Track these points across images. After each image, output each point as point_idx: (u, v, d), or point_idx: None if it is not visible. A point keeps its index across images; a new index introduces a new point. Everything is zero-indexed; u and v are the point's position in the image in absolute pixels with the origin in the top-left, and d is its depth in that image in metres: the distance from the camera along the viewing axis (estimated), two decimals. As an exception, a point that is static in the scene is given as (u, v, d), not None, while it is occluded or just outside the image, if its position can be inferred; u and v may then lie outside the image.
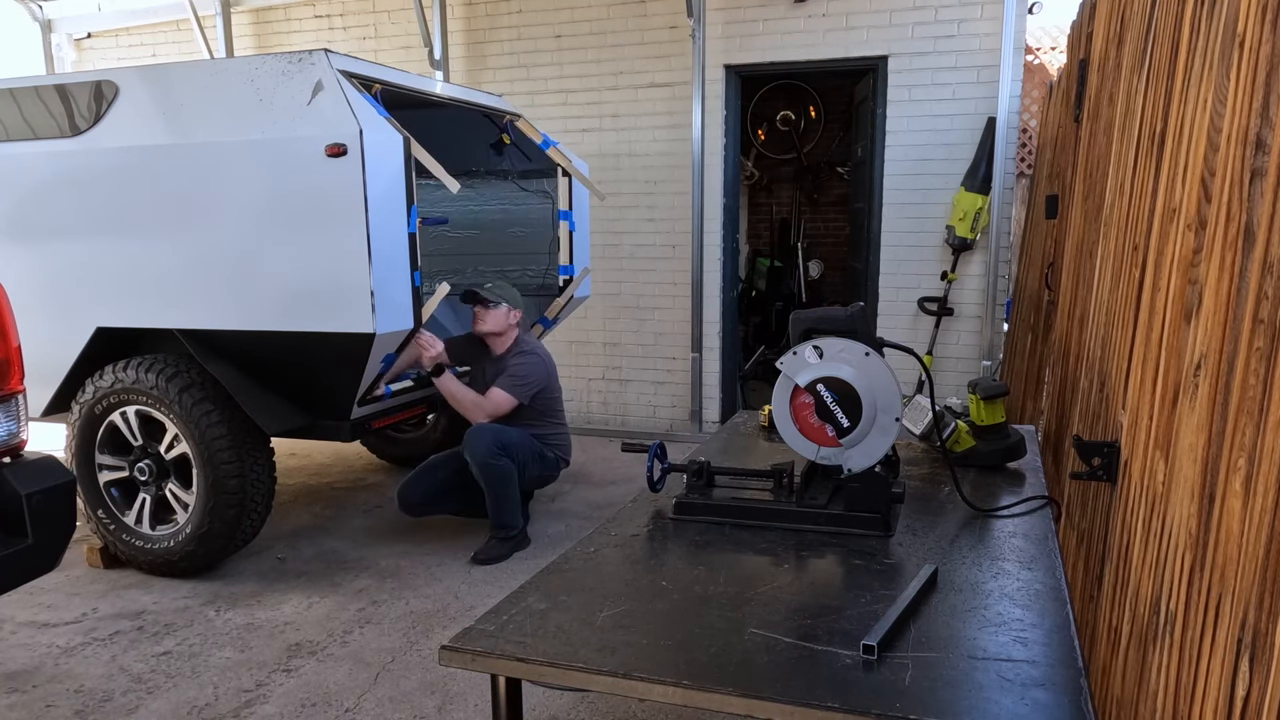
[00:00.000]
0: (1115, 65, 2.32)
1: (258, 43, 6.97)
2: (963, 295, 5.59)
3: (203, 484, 3.61)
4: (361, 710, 2.78)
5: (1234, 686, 0.85)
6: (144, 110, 3.61)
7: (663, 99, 5.95)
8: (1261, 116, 0.92)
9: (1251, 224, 0.92)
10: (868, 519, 1.88)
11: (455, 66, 6.40)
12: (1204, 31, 1.25)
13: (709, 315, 6.07)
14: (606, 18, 6.01)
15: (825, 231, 8.64)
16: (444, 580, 3.78)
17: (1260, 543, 0.81)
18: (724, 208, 5.99)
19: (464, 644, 1.41)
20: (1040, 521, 1.94)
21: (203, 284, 3.57)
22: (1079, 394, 2.38)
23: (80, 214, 3.70)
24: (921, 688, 1.25)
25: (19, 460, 2.47)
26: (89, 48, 7.42)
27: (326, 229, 3.35)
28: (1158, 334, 1.39)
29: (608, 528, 1.95)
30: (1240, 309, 0.94)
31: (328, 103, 3.31)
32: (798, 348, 1.91)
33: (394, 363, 3.72)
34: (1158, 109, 1.59)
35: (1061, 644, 1.38)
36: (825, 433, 1.89)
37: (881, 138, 5.60)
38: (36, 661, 3.13)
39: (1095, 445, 1.73)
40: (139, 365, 3.64)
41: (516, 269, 5.14)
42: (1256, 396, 0.85)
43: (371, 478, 5.35)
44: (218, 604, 3.57)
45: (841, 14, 5.52)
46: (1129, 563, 1.46)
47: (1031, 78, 7.48)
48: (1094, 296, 2.30)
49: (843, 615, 1.49)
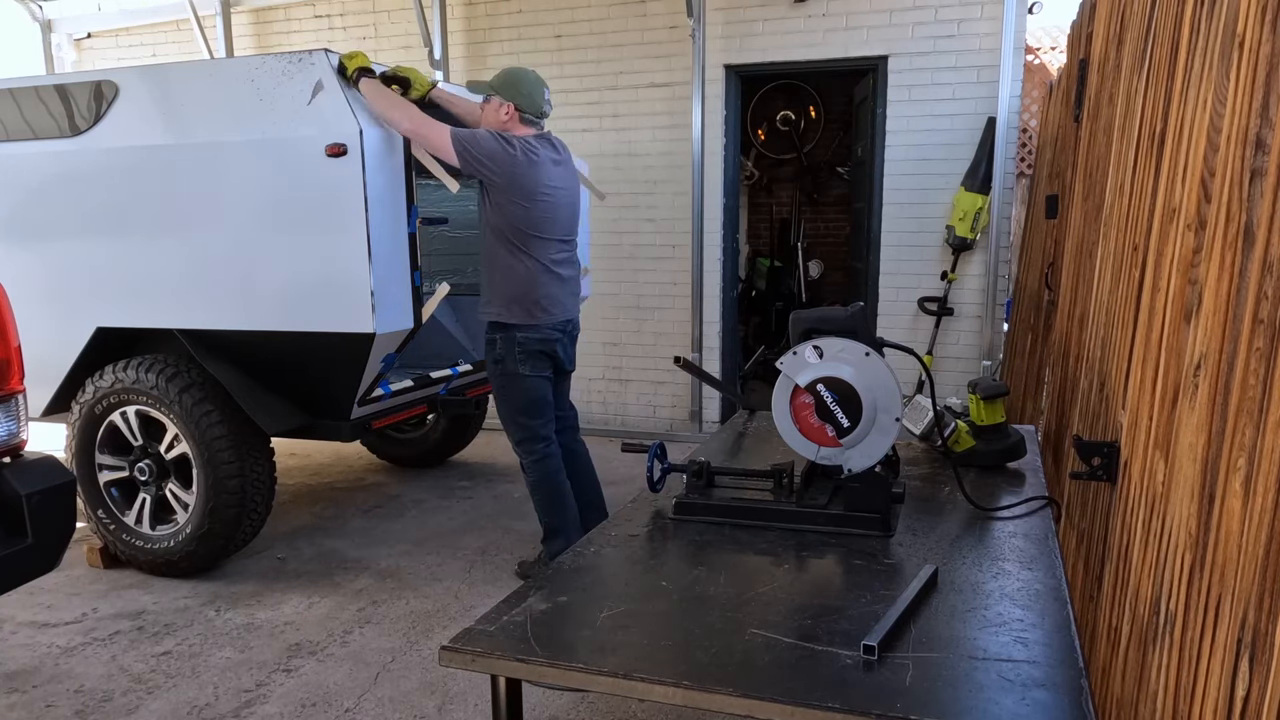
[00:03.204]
0: (1115, 65, 2.32)
1: (258, 43, 6.97)
2: (963, 295, 5.59)
3: (203, 484, 3.61)
4: (361, 710, 2.78)
5: (1234, 686, 0.85)
6: (144, 110, 3.61)
7: (663, 99, 5.95)
8: (1261, 116, 0.92)
9: (1251, 224, 0.92)
10: (868, 519, 1.88)
11: (455, 66, 6.40)
12: (1204, 31, 1.25)
13: (709, 315, 6.07)
14: (606, 18, 6.01)
15: (825, 231, 8.64)
16: (444, 580, 3.78)
17: (1260, 543, 0.81)
18: (724, 208, 5.99)
19: (464, 644, 1.41)
20: (1040, 521, 1.94)
21: (203, 284, 3.57)
22: (1079, 394, 2.38)
23: (80, 214, 3.70)
24: (922, 688, 1.25)
25: (19, 460, 2.47)
26: (89, 48, 7.42)
27: (326, 229, 3.35)
28: (1158, 334, 1.39)
29: (608, 528, 1.95)
30: (1240, 309, 0.94)
31: (328, 103, 3.31)
32: (798, 348, 1.91)
33: (394, 362, 3.71)
34: (1158, 109, 1.59)
35: (1062, 644, 1.38)
36: (825, 433, 1.89)
37: (881, 138, 5.60)
38: (36, 661, 3.14)
39: (1095, 445, 1.73)
40: (139, 365, 3.64)
41: (516, 269, 5.13)
42: (1256, 396, 0.85)
43: (371, 478, 5.35)
44: (218, 604, 3.57)
45: (841, 14, 5.53)
46: (1129, 563, 1.46)
47: (1031, 78, 7.48)
48: (1094, 296, 2.30)
49: (843, 615, 1.49)
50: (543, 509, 3.60)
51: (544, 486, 3.57)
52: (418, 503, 4.85)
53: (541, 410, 3.56)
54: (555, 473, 3.58)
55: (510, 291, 3.44)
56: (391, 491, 5.06)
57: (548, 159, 3.42)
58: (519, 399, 3.52)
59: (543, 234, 3.43)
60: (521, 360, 3.47)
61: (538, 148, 3.39)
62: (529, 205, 3.36)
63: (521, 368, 3.47)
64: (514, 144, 3.31)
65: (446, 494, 4.99)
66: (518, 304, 3.44)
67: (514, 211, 3.35)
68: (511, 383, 3.50)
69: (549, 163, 3.42)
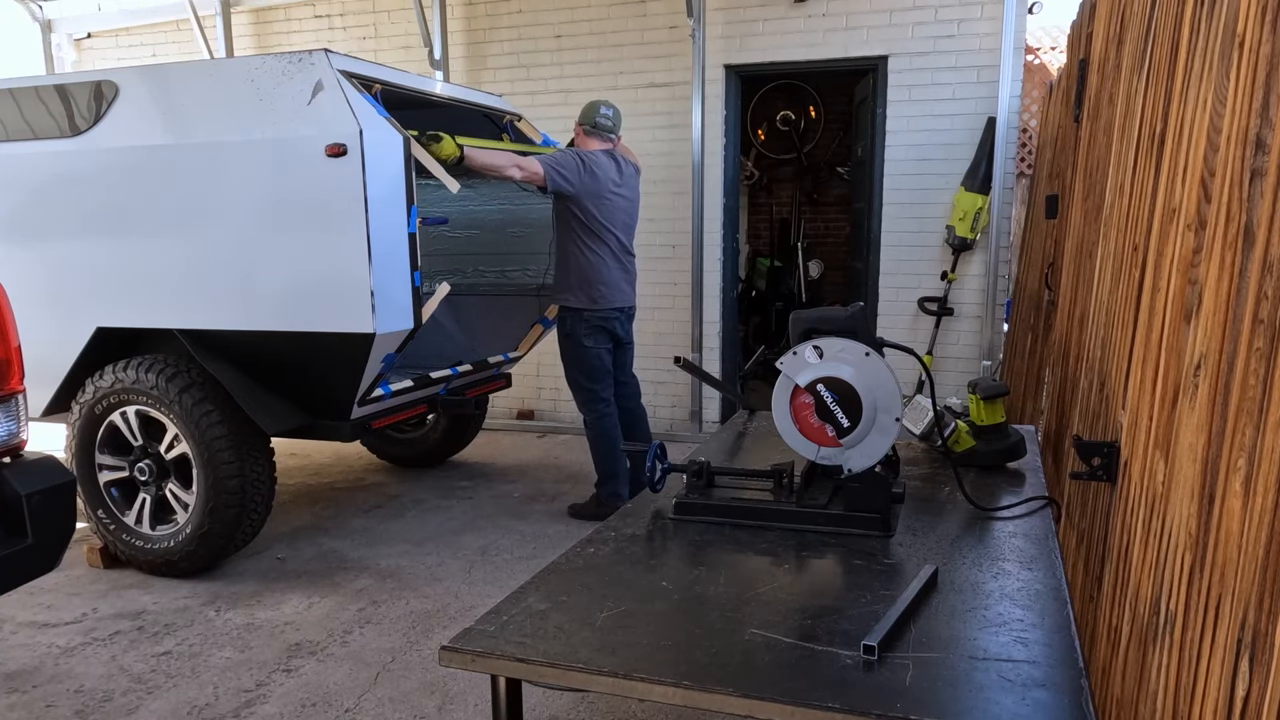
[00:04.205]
0: (1115, 65, 2.32)
1: (258, 43, 6.97)
2: (963, 295, 5.59)
3: (203, 484, 3.61)
4: (361, 710, 2.78)
5: (1234, 686, 0.85)
6: (144, 110, 3.61)
7: (663, 99, 5.95)
8: (1261, 116, 0.92)
9: (1251, 224, 0.92)
10: (868, 519, 1.88)
11: (455, 66, 6.40)
12: (1204, 31, 1.25)
13: (709, 315, 6.07)
14: (606, 18, 6.01)
15: (825, 231, 8.64)
16: (444, 580, 3.78)
17: (1260, 543, 0.81)
18: (724, 208, 5.99)
19: (464, 644, 1.41)
20: (1040, 521, 1.94)
21: (203, 284, 3.57)
22: (1079, 394, 2.38)
23: (80, 214, 3.70)
24: (922, 688, 1.25)
25: (19, 460, 2.47)
26: (89, 48, 7.42)
27: (326, 229, 3.35)
28: (1158, 334, 1.39)
29: (608, 528, 1.95)
30: (1240, 309, 0.94)
31: (328, 103, 3.31)
32: (798, 348, 1.91)
33: (394, 362, 3.71)
34: (1158, 109, 1.59)
35: (1062, 644, 1.38)
36: (825, 433, 1.89)
37: (881, 138, 5.60)
38: (36, 661, 3.14)
39: (1095, 445, 1.73)
40: (139, 365, 3.64)
41: (516, 269, 5.14)
42: (1256, 396, 0.85)
43: (371, 478, 5.35)
44: (218, 604, 3.57)
45: (841, 14, 5.53)
46: (1129, 563, 1.46)
47: (1031, 78, 7.48)
48: (1094, 296, 2.30)
49: (843, 615, 1.49)
50: (599, 459, 4.41)
51: (601, 441, 4.37)
52: (418, 503, 4.85)
53: (601, 376, 4.34)
54: (611, 429, 4.38)
55: (576, 280, 4.21)
56: (391, 491, 5.06)
57: (609, 168, 4.21)
58: (583, 366, 4.30)
59: (604, 231, 4.20)
60: (586, 334, 4.26)
61: (601, 159, 4.19)
62: (593, 206, 4.13)
63: (586, 340, 4.26)
64: (585, 158, 4.13)
65: (446, 494, 4.99)
66: (583, 290, 4.21)
67: (582, 210, 4.12)
68: (577, 352, 4.29)
69: (611, 171, 4.21)
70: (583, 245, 4.18)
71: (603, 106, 4.26)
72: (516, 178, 3.97)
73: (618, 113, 4.34)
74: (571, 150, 4.17)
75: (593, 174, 4.10)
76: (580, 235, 4.17)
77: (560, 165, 4.02)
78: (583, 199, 4.10)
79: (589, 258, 4.19)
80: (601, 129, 4.26)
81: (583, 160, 4.10)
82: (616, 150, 4.34)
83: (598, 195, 4.13)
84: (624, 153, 4.41)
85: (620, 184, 4.25)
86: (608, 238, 4.21)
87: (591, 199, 4.12)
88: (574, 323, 4.24)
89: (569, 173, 4.04)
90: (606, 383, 4.37)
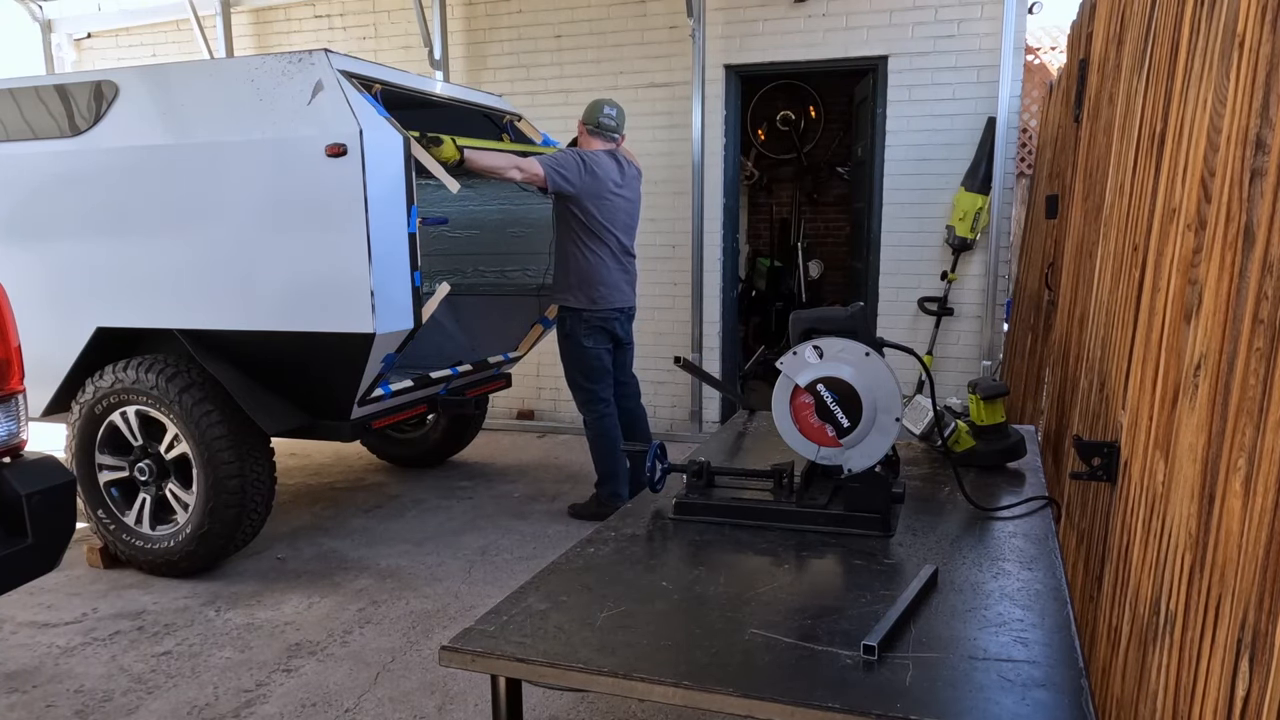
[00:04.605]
0: (1115, 65, 2.32)
1: (258, 43, 6.97)
2: (963, 295, 5.59)
3: (203, 484, 3.61)
4: (361, 710, 2.78)
5: (1234, 686, 0.85)
6: (144, 110, 3.61)
7: (663, 99, 5.95)
8: (1261, 116, 0.92)
9: (1251, 224, 0.92)
10: (868, 519, 1.88)
11: (455, 66, 6.40)
12: (1204, 31, 1.25)
13: (709, 315, 6.07)
14: (606, 18, 6.01)
15: (825, 231, 8.64)
16: (444, 580, 3.78)
17: (1260, 543, 0.81)
18: (724, 208, 5.99)
19: (464, 644, 1.41)
20: (1040, 521, 1.94)
21: (203, 284, 3.57)
22: (1079, 394, 2.38)
23: (80, 214, 3.70)
24: (922, 688, 1.25)
25: (19, 460, 2.47)
26: (89, 48, 7.42)
27: (326, 229, 3.35)
28: (1158, 334, 1.39)
29: (608, 528, 1.95)
30: (1240, 309, 0.94)
31: (328, 103, 3.31)
32: (798, 348, 1.91)
33: (394, 362, 3.71)
34: (1158, 109, 1.59)
35: (1062, 644, 1.38)
36: (825, 433, 1.89)
37: (881, 138, 5.60)
38: (36, 661, 3.14)
39: (1095, 445, 1.73)
40: (139, 365, 3.64)
41: (516, 269, 5.14)
42: (1256, 396, 0.85)
43: (371, 478, 5.35)
44: (218, 604, 3.57)
45: (841, 14, 5.53)
46: (1129, 563, 1.46)
47: (1031, 78, 7.48)
48: (1094, 296, 2.30)
49: (843, 615, 1.49)
50: (598, 459, 4.39)
51: (601, 442, 4.36)
52: (418, 503, 4.85)
53: (600, 376, 4.32)
54: (611, 429, 4.36)
55: (576, 280, 4.19)
56: (391, 491, 5.06)
57: (611, 168, 4.19)
58: (582, 366, 4.29)
59: (604, 232, 4.18)
60: (585, 335, 4.24)
61: (603, 159, 4.16)
62: (593, 206, 4.12)
63: (585, 340, 4.24)
64: (585, 158, 4.10)
65: (446, 494, 4.99)
66: (583, 290, 4.20)
67: (582, 211, 4.11)
68: (577, 352, 4.27)
69: (612, 171, 4.19)
70: (583, 245, 4.17)
71: (606, 106, 4.24)
72: (517, 179, 3.96)
73: (621, 113, 4.31)
74: (572, 150, 4.16)
75: (593, 174, 4.08)
76: (580, 235, 4.16)
77: (561, 165, 4.01)
78: (583, 199, 4.09)
79: (589, 258, 4.17)
80: (604, 129, 4.25)
81: (583, 160, 4.08)
82: (619, 151, 4.32)
83: (598, 195, 4.12)
84: (626, 155, 4.38)
85: (621, 184, 4.23)
86: (608, 238, 4.20)
87: (592, 199, 4.11)
88: (574, 323, 4.23)
89: (569, 173, 4.02)
90: (606, 383, 4.36)
